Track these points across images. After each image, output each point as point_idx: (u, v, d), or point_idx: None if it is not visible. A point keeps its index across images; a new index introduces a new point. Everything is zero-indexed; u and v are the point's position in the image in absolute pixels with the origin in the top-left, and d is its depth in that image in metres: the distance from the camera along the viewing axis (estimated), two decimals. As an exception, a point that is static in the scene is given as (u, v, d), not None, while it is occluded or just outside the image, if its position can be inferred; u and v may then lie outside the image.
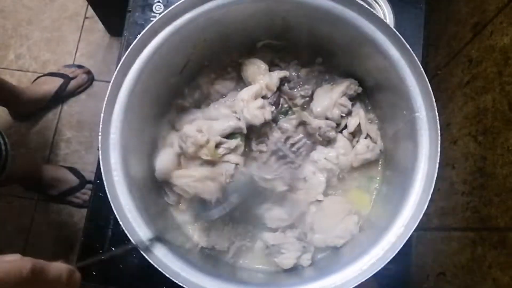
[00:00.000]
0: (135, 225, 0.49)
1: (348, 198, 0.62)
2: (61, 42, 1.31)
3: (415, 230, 0.47)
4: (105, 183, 0.49)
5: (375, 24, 0.52)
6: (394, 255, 0.47)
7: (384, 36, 0.52)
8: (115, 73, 0.52)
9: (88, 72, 1.26)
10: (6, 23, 1.33)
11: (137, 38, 0.52)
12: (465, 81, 0.59)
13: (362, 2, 0.52)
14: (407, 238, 0.47)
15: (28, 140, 1.23)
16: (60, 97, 1.23)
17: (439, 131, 0.49)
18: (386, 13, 0.69)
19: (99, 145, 0.50)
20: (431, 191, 0.48)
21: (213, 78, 0.66)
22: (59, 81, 1.22)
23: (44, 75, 1.24)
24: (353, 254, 0.51)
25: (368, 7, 0.52)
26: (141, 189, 0.54)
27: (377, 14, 0.52)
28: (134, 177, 0.53)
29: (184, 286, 0.47)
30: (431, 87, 0.50)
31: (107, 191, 0.49)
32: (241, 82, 0.66)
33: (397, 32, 0.51)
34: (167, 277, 0.47)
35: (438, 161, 0.48)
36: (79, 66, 1.26)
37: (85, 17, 1.33)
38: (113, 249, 0.50)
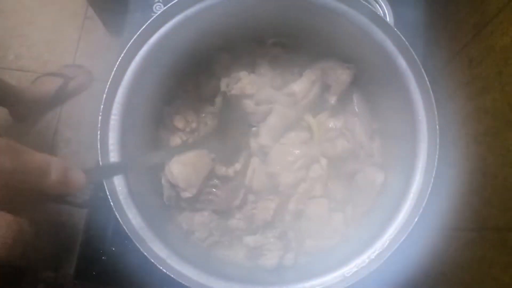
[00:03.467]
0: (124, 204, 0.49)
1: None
2: (61, 42, 1.31)
3: (415, 230, 0.47)
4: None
5: (375, 22, 0.52)
6: (378, 265, 0.47)
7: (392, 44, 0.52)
8: (121, 56, 0.52)
9: (88, 72, 1.26)
10: (6, 23, 1.33)
11: (151, 19, 0.51)
12: (465, 81, 0.59)
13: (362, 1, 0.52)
14: (393, 250, 0.47)
15: (28, 140, 1.23)
16: (60, 97, 1.23)
17: (437, 145, 0.49)
18: (386, 13, 0.69)
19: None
20: (423, 204, 0.47)
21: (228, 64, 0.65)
22: (59, 81, 1.22)
23: (44, 75, 1.24)
24: (338, 260, 0.51)
25: (368, 5, 0.51)
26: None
27: (377, 12, 0.51)
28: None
29: (170, 274, 0.46)
30: (431, 88, 0.50)
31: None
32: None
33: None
34: (167, 277, 0.47)
35: (433, 175, 0.48)
36: (79, 66, 1.26)
37: (85, 17, 1.33)
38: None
